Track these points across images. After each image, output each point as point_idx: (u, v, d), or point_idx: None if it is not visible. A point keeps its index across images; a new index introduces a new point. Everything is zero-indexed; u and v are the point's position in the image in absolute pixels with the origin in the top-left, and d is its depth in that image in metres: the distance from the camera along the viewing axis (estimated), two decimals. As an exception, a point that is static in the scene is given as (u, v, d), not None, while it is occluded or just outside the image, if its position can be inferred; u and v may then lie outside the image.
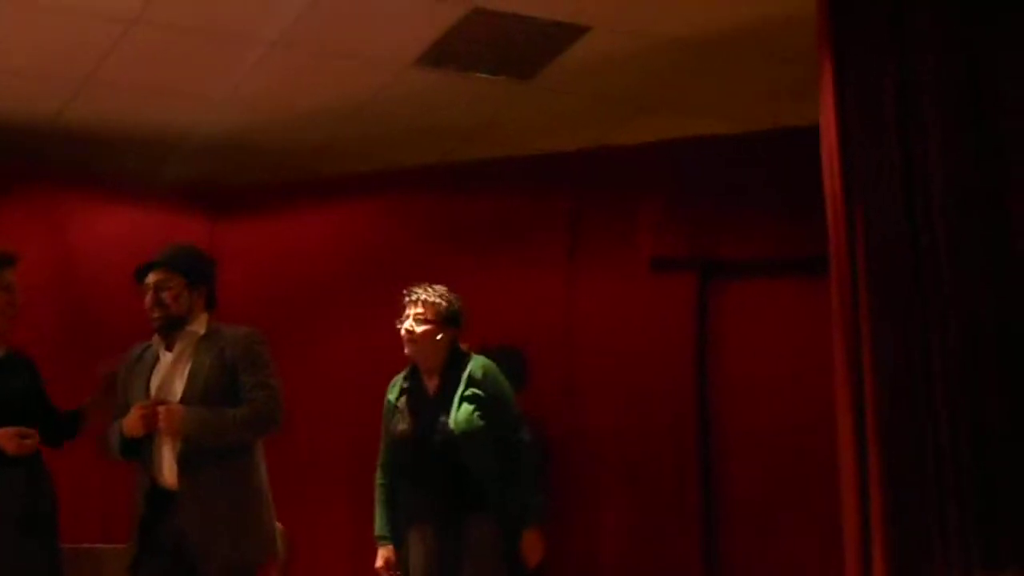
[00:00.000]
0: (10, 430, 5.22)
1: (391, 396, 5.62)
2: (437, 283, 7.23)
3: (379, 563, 5.52)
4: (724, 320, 7.30)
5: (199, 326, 5.28)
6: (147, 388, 5.19)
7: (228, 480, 5.03)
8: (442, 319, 5.54)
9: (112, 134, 7.57)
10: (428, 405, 5.50)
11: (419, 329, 5.50)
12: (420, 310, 5.54)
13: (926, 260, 4.86)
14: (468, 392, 5.46)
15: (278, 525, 5.28)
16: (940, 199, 4.87)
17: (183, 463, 5.01)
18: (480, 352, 7.00)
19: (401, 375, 5.63)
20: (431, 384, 5.54)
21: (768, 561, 6.90)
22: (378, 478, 5.60)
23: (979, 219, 4.88)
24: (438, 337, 5.52)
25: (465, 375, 5.50)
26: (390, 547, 5.50)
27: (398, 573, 5.48)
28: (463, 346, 5.63)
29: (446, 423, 5.41)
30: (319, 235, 7.86)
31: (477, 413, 5.43)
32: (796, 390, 6.88)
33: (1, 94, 7.09)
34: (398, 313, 5.56)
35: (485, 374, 5.52)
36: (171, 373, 5.19)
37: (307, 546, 6.03)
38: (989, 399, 4.74)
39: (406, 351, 5.54)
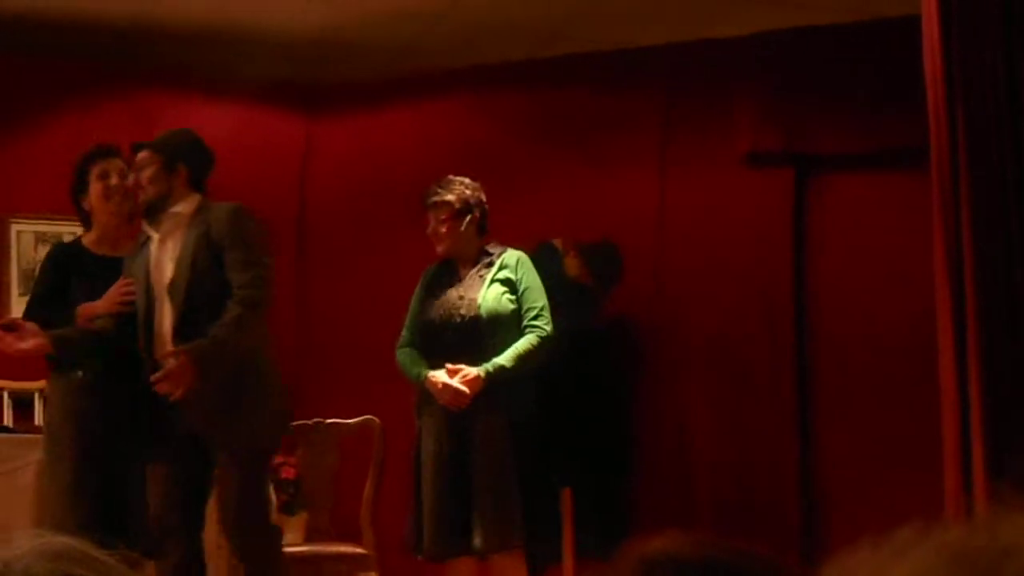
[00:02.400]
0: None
1: (422, 282, 5.71)
2: (530, 180, 7.25)
3: (439, 386, 5.45)
4: (821, 216, 7.22)
5: (185, 206, 5.19)
6: (146, 273, 5.16)
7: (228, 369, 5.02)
8: (458, 210, 5.59)
9: (202, 32, 7.57)
10: (459, 285, 5.57)
11: (442, 229, 5.58)
12: (437, 213, 5.62)
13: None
14: (501, 275, 5.52)
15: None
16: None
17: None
18: (575, 247, 7.02)
19: (436, 264, 5.73)
20: (464, 270, 5.61)
21: (865, 460, 6.87)
22: (400, 347, 5.66)
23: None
24: (461, 228, 5.58)
25: (499, 260, 5.57)
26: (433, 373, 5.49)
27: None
28: (492, 244, 5.65)
29: (474, 300, 5.47)
30: (410, 132, 7.86)
31: (507, 297, 5.48)
32: (895, 287, 6.81)
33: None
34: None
35: (519, 261, 5.58)
36: (160, 257, 5.15)
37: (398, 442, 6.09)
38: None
39: (438, 251, 5.64)
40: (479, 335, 5.43)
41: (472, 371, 5.39)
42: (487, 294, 5.47)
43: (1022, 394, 4.66)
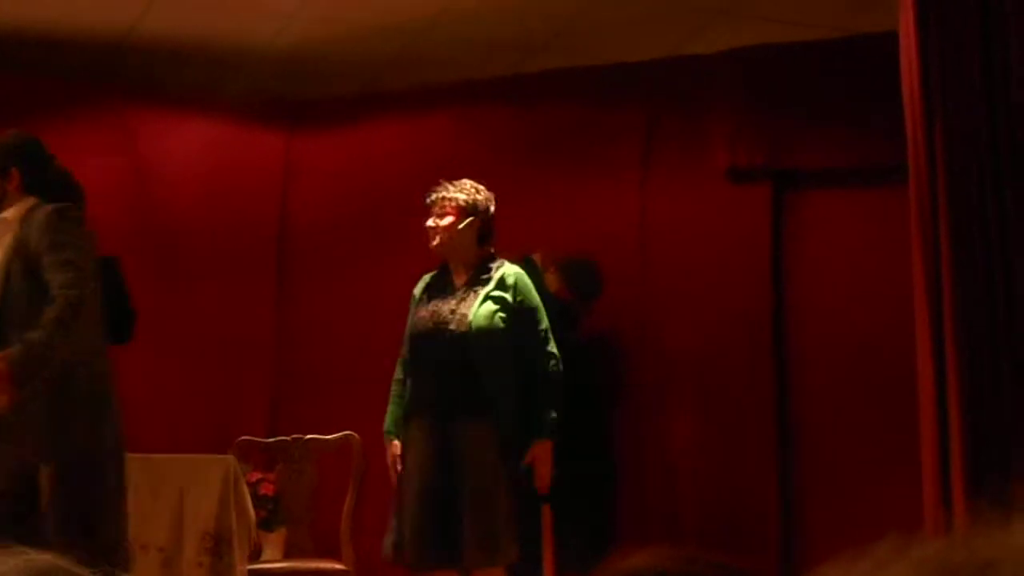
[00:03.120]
0: None
1: (417, 290, 5.62)
2: (511, 194, 7.24)
3: (389, 460, 5.53)
4: (800, 231, 7.24)
5: (14, 212, 4.95)
6: None
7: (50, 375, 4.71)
8: (463, 210, 5.50)
9: (183, 48, 7.57)
10: (451, 297, 5.48)
11: (442, 222, 5.49)
12: (441, 207, 5.52)
13: (1006, 168, 4.78)
14: (496, 293, 5.44)
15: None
16: (1022, 106, 4.78)
17: None
18: (554, 262, 7.03)
19: (432, 272, 5.64)
20: (459, 280, 5.51)
21: (845, 474, 6.88)
22: (396, 373, 5.61)
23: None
24: (460, 227, 5.48)
25: (496, 276, 5.47)
26: (396, 443, 5.51)
27: (401, 464, 5.50)
28: (492, 253, 5.60)
29: (465, 315, 5.38)
30: (393, 148, 7.87)
31: (500, 315, 5.40)
32: (873, 302, 6.83)
33: (74, 9, 7.10)
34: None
35: (517, 280, 5.49)
36: None
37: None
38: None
39: (431, 246, 5.52)
40: (467, 351, 5.38)
41: (543, 452, 5.45)
42: (479, 311, 5.39)
43: (1001, 409, 4.68)
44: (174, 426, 7.52)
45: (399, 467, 5.48)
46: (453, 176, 5.74)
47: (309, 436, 6.54)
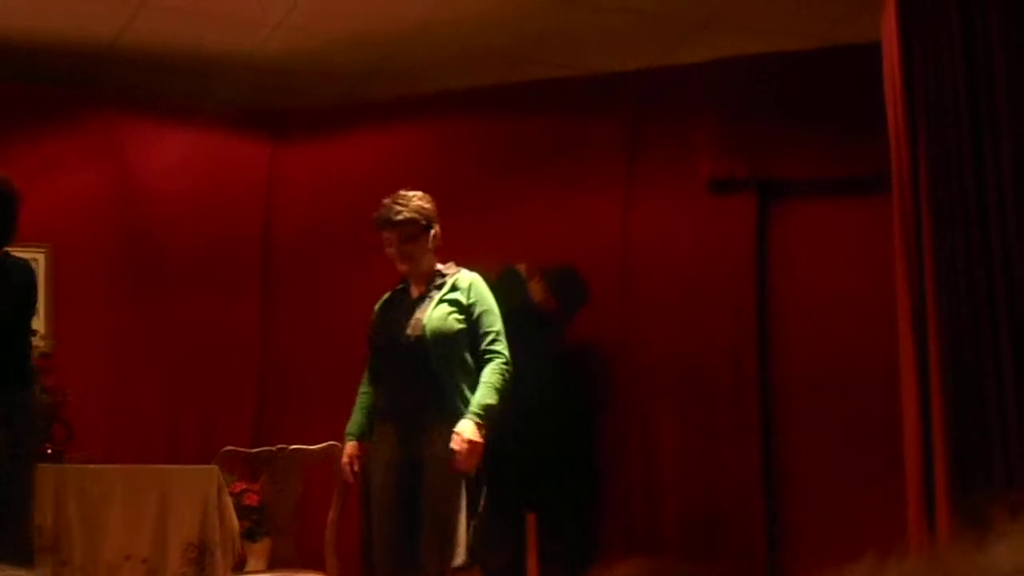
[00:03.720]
0: None
1: (377, 306, 5.67)
2: (495, 205, 7.26)
3: (344, 459, 5.57)
4: (784, 241, 7.26)
5: None
6: None
7: None
8: (423, 225, 5.52)
9: (168, 58, 7.57)
10: (409, 307, 5.52)
11: (410, 249, 5.51)
12: (402, 231, 5.51)
13: (989, 179, 4.80)
14: (449, 296, 5.47)
15: None
16: (1006, 117, 4.79)
17: None
18: (539, 272, 7.03)
19: (393, 289, 5.68)
20: (416, 291, 5.56)
21: (830, 483, 6.89)
22: (361, 386, 5.64)
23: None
24: (428, 246, 5.53)
25: (450, 281, 5.52)
26: (354, 443, 5.54)
27: (357, 464, 5.52)
28: (447, 265, 5.61)
29: (420, 320, 5.41)
30: (376, 158, 7.86)
31: (454, 317, 5.43)
32: (857, 311, 6.84)
33: (59, 19, 7.09)
34: (448, 235, 5.58)
35: (471, 285, 5.52)
36: None
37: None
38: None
39: (401, 269, 5.55)
40: (425, 354, 5.40)
41: (465, 429, 5.33)
42: (433, 313, 5.43)
43: (984, 418, 4.69)
44: (158, 436, 7.51)
45: (355, 467, 5.53)
46: (436, 187, 5.75)
47: (293, 446, 6.53)
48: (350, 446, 5.57)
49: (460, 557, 5.29)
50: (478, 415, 5.32)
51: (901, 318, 4.93)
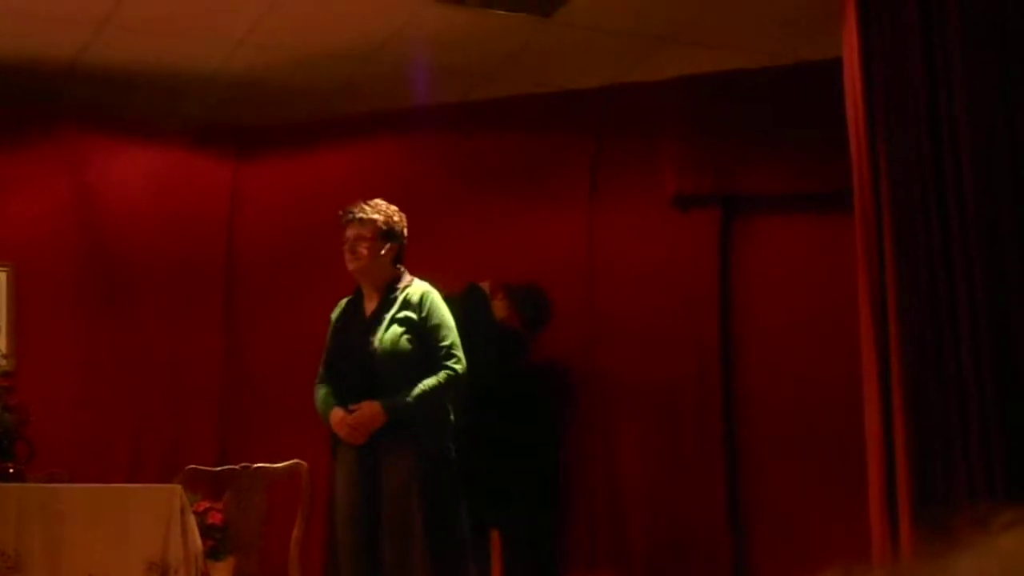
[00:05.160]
0: None
1: (333, 315, 5.63)
2: (460, 221, 7.25)
3: (338, 419, 5.42)
4: (748, 256, 7.27)
5: None
6: None
7: None
8: (383, 233, 5.49)
9: (131, 75, 7.55)
10: (361, 325, 5.47)
11: (361, 246, 5.48)
12: (360, 229, 5.50)
13: (951, 193, 4.82)
14: (401, 315, 5.41)
15: None
16: (965, 132, 4.82)
17: None
18: (503, 289, 7.02)
19: (347, 298, 5.63)
20: (370, 305, 5.51)
21: (791, 498, 6.90)
22: (319, 387, 5.58)
23: (1006, 152, 4.83)
24: (382, 252, 5.48)
25: (401, 297, 5.45)
26: (336, 410, 5.45)
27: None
28: (402, 272, 5.57)
29: (371, 342, 5.38)
30: (340, 175, 7.84)
31: (406, 336, 5.38)
32: (820, 326, 6.86)
33: (21, 37, 7.07)
34: (412, 250, 5.56)
35: (423, 298, 5.45)
36: None
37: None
38: (1017, 335, 4.72)
39: (350, 268, 5.52)
40: (376, 375, 5.37)
41: (368, 407, 5.35)
42: (384, 336, 5.38)
43: (947, 435, 4.71)
44: (121, 455, 7.48)
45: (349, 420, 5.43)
46: (400, 203, 5.74)
47: (257, 465, 6.49)
48: (335, 411, 5.44)
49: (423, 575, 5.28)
50: (390, 407, 5.30)
51: (863, 332, 4.95)
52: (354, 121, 7.97)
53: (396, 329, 5.39)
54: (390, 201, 5.72)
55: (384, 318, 5.42)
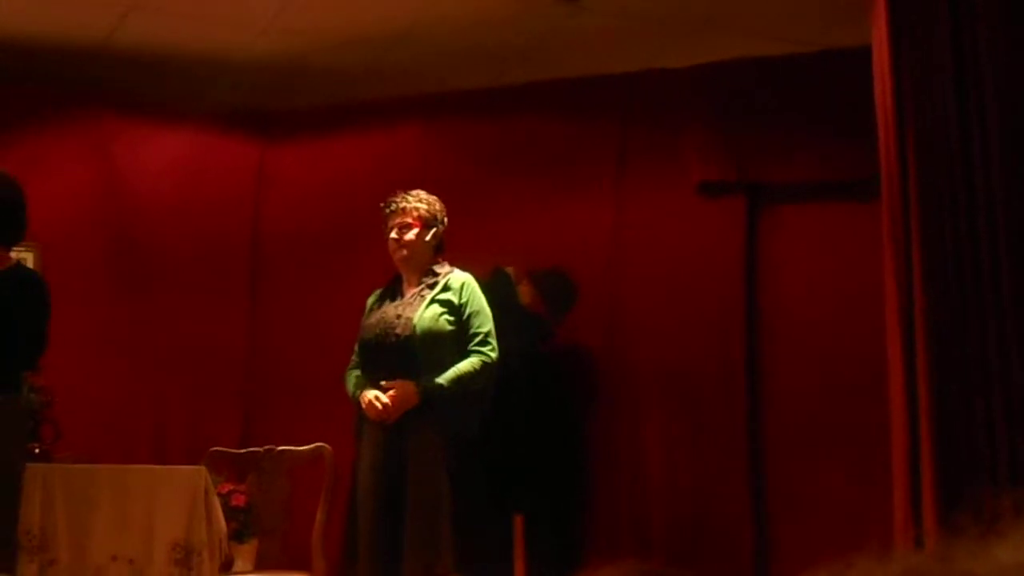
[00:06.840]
0: None
1: (370, 300, 5.67)
2: (485, 207, 7.25)
3: (370, 398, 5.43)
4: (773, 244, 7.26)
5: None
6: None
7: None
8: (426, 221, 5.55)
9: (159, 59, 7.56)
10: (400, 304, 5.52)
11: (408, 235, 5.51)
12: (404, 218, 5.55)
13: (978, 183, 4.80)
14: (441, 296, 5.47)
15: None
16: (995, 121, 4.80)
17: None
18: (528, 275, 7.03)
19: (383, 286, 5.68)
20: (409, 289, 5.56)
21: (814, 486, 6.89)
22: (351, 369, 5.63)
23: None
24: (427, 239, 5.54)
25: (443, 281, 5.51)
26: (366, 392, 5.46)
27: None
28: (440, 264, 5.61)
29: (410, 319, 5.41)
30: (367, 159, 7.86)
31: (445, 317, 5.43)
32: (845, 314, 6.84)
33: (50, 19, 7.08)
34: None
35: (463, 286, 5.52)
36: None
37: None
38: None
39: (396, 258, 5.57)
40: (413, 354, 5.38)
41: (402, 386, 5.36)
42: (424, 313, 5.42)
43: (971, 420, 4.70)
44: (146, 437, 7.51)
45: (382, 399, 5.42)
46: (425, 188, 5.76)
47: (281, 447, 6.52)
48: (366, 393, 5.46)
49: (444, 560, 5.29)
50: (423, 388, 5.33)
51: (889, 320, 4.93)
52: (381, 105, 7.97)
53: (437, 308, 5.44)
54: (416, 186, 5.75)
55: (426, 296, 5.48)
